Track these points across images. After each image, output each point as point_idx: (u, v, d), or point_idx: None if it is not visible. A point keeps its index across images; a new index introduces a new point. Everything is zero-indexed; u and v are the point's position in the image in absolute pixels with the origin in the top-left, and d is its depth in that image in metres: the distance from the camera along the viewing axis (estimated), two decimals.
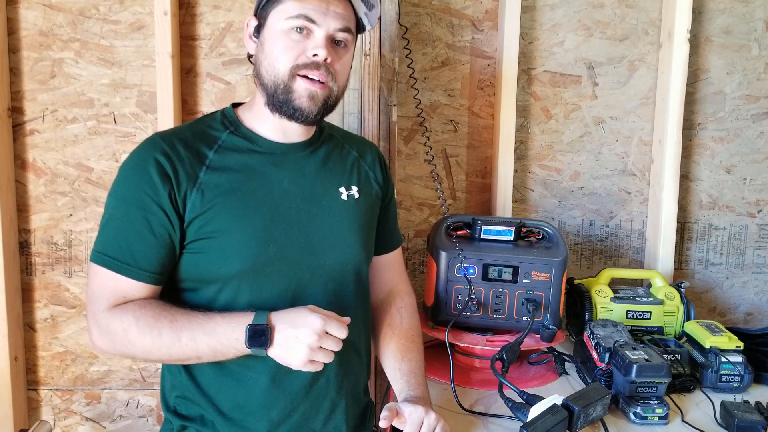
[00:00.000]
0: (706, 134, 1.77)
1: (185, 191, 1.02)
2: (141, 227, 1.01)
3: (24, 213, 1.60)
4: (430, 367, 1.38)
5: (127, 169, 1.04)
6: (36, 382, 1.66)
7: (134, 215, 1.01)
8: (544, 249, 1.40)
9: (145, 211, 1.00)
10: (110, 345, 1.01)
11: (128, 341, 0.99)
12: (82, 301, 1.63)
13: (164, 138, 1.06)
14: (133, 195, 1.01)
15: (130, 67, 1.57)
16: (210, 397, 1.07)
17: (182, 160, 1.03)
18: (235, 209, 1.03)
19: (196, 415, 1.08)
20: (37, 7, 1.54)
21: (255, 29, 1.08)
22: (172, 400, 1.11)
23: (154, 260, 1.02)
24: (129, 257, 1.01)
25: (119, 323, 0.99)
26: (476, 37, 1.69)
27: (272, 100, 1.05)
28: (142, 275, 1.01)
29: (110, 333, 1.00)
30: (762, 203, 1.80)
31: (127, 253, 1.01)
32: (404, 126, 1.70)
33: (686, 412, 1.20)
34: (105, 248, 1.02)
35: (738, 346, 1.30)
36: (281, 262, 1.05)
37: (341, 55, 1.06)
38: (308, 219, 1.09)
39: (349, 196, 1.15)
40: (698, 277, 1.81)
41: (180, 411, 1.10)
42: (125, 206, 1.02)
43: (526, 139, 1.74)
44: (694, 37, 1.69)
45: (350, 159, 1.20)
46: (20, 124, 1.58)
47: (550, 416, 1.00)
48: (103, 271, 1.01)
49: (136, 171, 1.02)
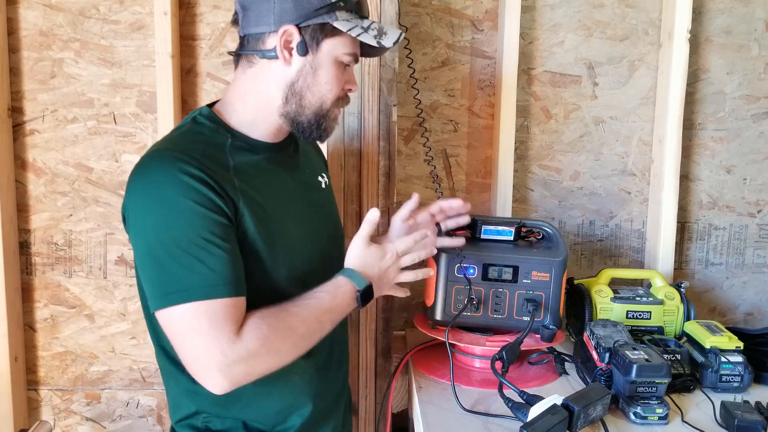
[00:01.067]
0: (706, 134, 1.77)
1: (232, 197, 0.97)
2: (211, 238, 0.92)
3: (24, 213, 1.60)
4: (430, 367, 1.38)
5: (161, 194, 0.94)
6: (36, 382, 1.66)
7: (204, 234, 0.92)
8: (544, 249, 1.40)
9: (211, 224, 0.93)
10: (254, 370, 0.95)
11: (270, 353, 0.95)
12: (82, 301, 1.63)
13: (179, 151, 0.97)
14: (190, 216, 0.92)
15: (130, 67, 1.57)
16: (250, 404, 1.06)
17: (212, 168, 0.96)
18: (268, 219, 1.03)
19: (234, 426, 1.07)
20: (37, 7, 1.54)
21: (300, 45, 1.02)
22: (200, 422, 1.07)
23: (237, 267, 0.95)
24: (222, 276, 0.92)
25: (255, 343, 0.93)
26: (476, 37, 1.69)
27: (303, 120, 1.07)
28: (239, 289, 0.94)
29: (250, 359, 0.93)
30: (762, 203, 1.80)
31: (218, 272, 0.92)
32: (404, 126, 1.70)
33: (686, 412, 1.20)
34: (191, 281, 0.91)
35: (738, 346, 1.30)
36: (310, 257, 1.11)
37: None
38: (314, 210, 1.16)
39: (326, 184, 1.24)
40: (698, 277, 1.81)
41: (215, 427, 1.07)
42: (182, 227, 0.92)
43: (526, 139, 1.74)
44: (694, 37, 1.69)
45: (310, 150, 1.27)
46: (20, 124, 1.58)
47: (550, 416, 1.00)
48: (208, 304, 0.91)
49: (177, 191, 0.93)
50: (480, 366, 1.38)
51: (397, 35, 1.08)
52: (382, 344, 1.59)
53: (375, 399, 1.60)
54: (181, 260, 0.91)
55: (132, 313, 1.64)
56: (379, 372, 1.59)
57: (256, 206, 1.01)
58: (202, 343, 0.91)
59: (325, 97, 1.06)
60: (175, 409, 1.09)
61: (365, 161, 1.55)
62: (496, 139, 1.67)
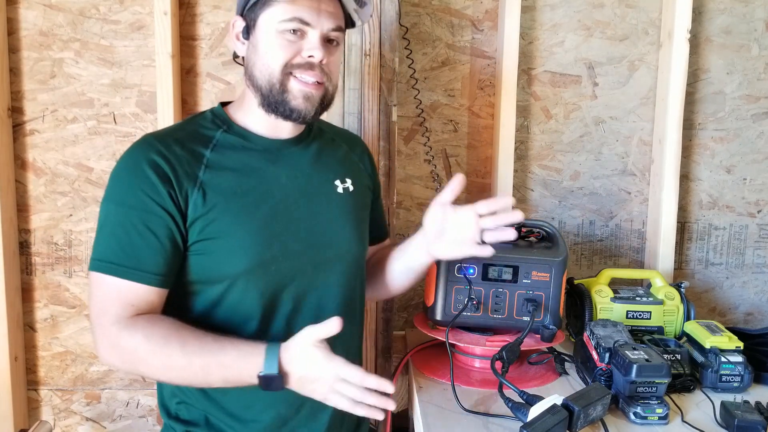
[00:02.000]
0: (706, 134, 1.77)
1: (186, 191, 1.00)
2: (142, 229, 0.98)
3: (24, 213, 1.60)
4: (430, 367, 1.38)
5: (121, 171, 1.02)
6: (36, 382, 1.66)
7: (134, 217, 0.98)
8: (544, 249, 1.40)
9: (145, 212, 0.98)
10: (119, 361, 0.99)
11: (138, 359, 0.97)
12: (82, 301, 1.63)
13: (157, 138, 1.04)
14: (132, 197, 0.99)
15: (130, 67, 1.57)
16: (216, 400, 1.07)
17: (179, 159, 1.02)
18: (237, 209, 1.03)
19: (201, 419, 1.08)
20: (37, 7, 1.54)
21: (244, 30, 1.06)
22: (173, 406, 1.10)
23: (160, 261, 0.99)
24: (133, 261, 0.98)
25: (129, 340, 0.96)
26: (476, 37, 1.69)
27: (267, 101, 1.05)
28: (147, 278, 0.98)
29: (120, 349, 0.98)
30: (762, 203, 1.80)
31: (130, 256, 0.98)
32: (404, 126, 1.70)
33: (686, 412, 1.19)
34: (105, 255, 0.99)
35: (738, 346, 1.30)
36: (285, 258, 1.06)
37: (333, 53, 1.07)
38: (308, 214, 1.10)
39: (345, 189, 1.17)
40: (698, 277, 1.81)
41: (182, 416, 1.09)
42: (123, 209, 0.99)
43: (526, 139, 1.74)
44: (694, 37, 1.69)
45: (341, 152, 1.22)
46: (20, 124, 1.58)
47: (550, 416, 1.00)
48: (106, 279, 0.98)
49: (132, 173, 1.00)
50: (480, 366, 1.38)
51: None
52: (382, 344, 1.59)
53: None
54: (108, 235, 1.00)
55: None
56: (379, 372, 1.59)
57: (217, 197, 1.02)
58: (95, 312, 0.99)
59: (270, 68, 1.03)
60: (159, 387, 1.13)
61: None
62: (496, 139, 1.67)
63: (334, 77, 1.08)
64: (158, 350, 0.96)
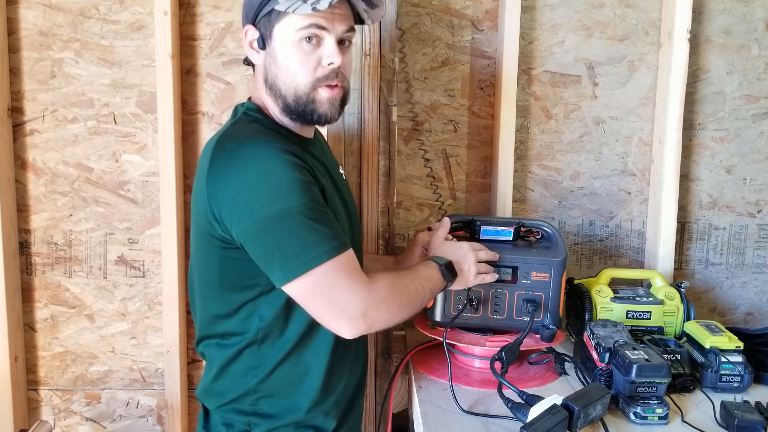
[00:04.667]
0: (706, 134, 1.77)
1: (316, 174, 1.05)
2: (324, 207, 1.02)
3: (24, 213, 1.60)
4: (430, 367, 1.38)
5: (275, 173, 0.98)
6: (36, 382, 1.66)
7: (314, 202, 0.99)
8: (544, 249, 1.39)
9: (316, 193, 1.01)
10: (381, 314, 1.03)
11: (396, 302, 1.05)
12: (82, 301, 1.63)
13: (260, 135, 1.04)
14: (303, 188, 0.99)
15: (130, 67, 1.57)
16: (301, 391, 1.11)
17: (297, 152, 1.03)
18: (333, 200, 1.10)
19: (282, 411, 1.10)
20: (37, 7, 1.54)
21: (258, 40, 1.08)
22: (247, 404, 1.10)
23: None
24: (340, 234, 1.01)
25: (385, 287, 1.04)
26: (476, 37, 1.69)
27: (291, 110, 1.08)
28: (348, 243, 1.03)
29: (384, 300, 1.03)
30: (762, 203, 1.80)
31: (336, 232, 1.01)
32: (404, 126, 1.70)
33: (686, 412, 1.19)
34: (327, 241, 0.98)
35: (738, 346, 1.30)
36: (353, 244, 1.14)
37: (346, 53, 1.10)
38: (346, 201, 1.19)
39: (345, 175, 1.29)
40: (698, 277, 1.81)
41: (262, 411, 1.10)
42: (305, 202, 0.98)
43: (526, 139, 1.74)
44: (694, 37, 1.69)
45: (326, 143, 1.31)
46: (20, 124, 1.58)
47: (550, 416, 1.00)
48: (342, 258, 0.99)
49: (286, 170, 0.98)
50: (480, 366, 1.38)
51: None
52: (382, 344, 1.59)
53: (375, 399, 1.60)
54: (306, 227, 0.97)
55: (132, 313, 1.64)
56: (379, 372, 1.59)
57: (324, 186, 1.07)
58: (344, 295, 0.99)
59: (296, 83, 1.06)
60: (222, 392, 1.12)
61: (365, 161, 1.55)
62: (496, 139, 1.67)
63: (348, 76, 1.12)
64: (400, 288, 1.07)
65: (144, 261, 1.63)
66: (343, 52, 1.07)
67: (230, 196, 0.99)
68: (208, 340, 1.14)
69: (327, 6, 1.00)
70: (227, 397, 1.11)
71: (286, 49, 1.05)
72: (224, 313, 1.09)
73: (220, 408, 1.12)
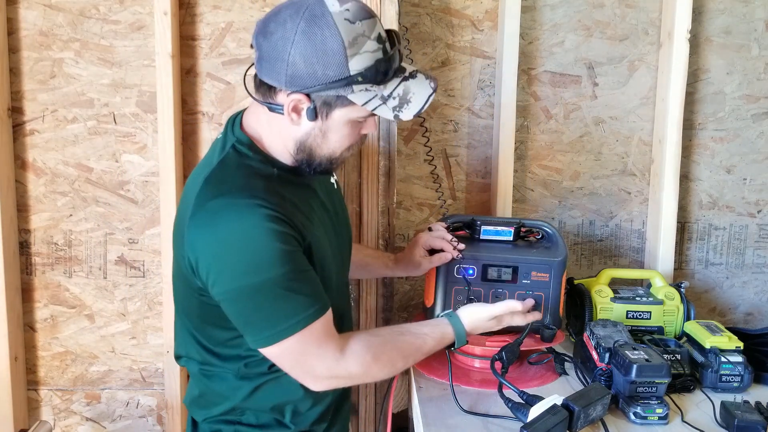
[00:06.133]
0: (706, 134, 1.77)
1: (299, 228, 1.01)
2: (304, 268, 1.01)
3: (24, 213, 1.60)
4: (429, 367, 1.38)
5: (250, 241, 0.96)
6: (36, 382, 1.66)
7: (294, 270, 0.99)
8: (544, 249, 1.39)
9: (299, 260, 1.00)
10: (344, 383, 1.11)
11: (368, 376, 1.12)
12: (82, 301, 1.63)
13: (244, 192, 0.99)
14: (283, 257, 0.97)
15: (130, 67, 1.57)
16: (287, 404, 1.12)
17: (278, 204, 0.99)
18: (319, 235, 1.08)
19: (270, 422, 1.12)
20: (37, 7, 1.54)
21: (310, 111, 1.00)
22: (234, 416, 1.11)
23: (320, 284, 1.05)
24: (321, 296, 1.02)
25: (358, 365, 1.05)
26: (476, 37, 1.69)
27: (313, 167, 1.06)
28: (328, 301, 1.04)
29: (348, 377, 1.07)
30: (762, 203, 1.80)
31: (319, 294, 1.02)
32: (404, 126, 1.70)
33: (686, 412, 1.19)
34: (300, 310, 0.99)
35: (738, 346, 1.30)
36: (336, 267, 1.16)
37: None
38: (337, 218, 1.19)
39: (336, 182, 1.26)
40: (698, 277, 1.81)
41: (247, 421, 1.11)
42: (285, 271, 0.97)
43: (526, 139, 1.74)
44: (694, 37, 1.69)
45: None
46: (20, 124, 1.58)
47: (550, 416, 1.00)
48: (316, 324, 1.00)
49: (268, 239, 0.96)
50: (480, 366, 1.38)
51: (422, 102, 1.02)
52: None
53: (375, 399, 1.60)
54: (281, 298, 0.98)
55: (132, 313, 1.64)
56: None
57: (311, 230, 1.05)
58: (313, 361, 1.02)
59: (335, 152, 1.06)
60: (208, 407, 1.12)
61: (365, 161, 1.55)
62: (496, 139, 1.67)
63: None
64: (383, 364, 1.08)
65: (144, 261, 1.63)
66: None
67: (210, 257, 0.98)
68: (190, 360, 1.13)
69: (412, 117, 1.02)
70: (213, 412, 1.12)
71: (341, 128, 1.03)
72: (206, 345, 1.09)
73: (207, 420, 1.13)
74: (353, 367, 1.05)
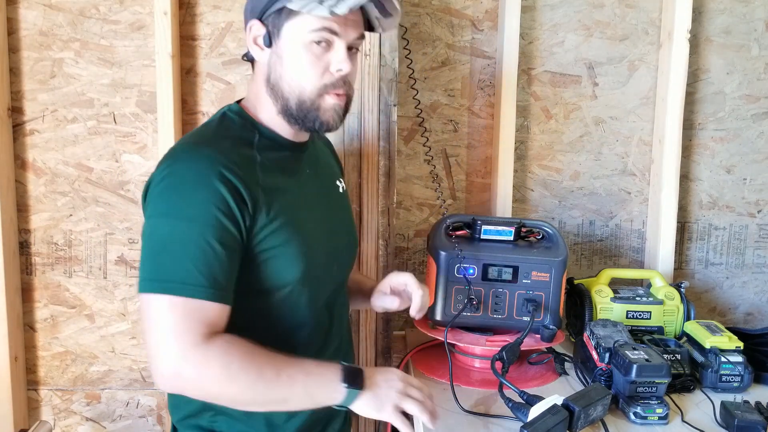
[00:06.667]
0: (706, 134, 1.77)
1: (255, 199, 0.98)
2: (216, 246, 0.93)
3: (24, 213, 1.60)
4: (430, 367, 1.38)
5: (186, 185, 0.95)
6: (36, 382, 1.66)
7: (207, 234, 0.93)
8: (544, 249, 1.40)
9: (219, 228, 0.93)
10: (197, 383, 0.93)
11: (227, 377, 0.91)
12: (82, 301, 1.63)
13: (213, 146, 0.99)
14: (204, 212, 0.93)
15: (130, 67, 1.57)
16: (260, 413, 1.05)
17: (241, 167, 0.97)
18: (292, 214, 1.03)
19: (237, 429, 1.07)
20: (37, 7, 1.54)
21: (265, 37, 1.02)
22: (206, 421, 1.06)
23: (232, 278, 0.96)
24: (210, 279, 0.92)
25: (221, 358, 0.91)
26: (476, 37, 1.69)
27: (293, 113, 1.03)
28: (223, 296, 0.94)
29: (206, 369, 0.91)
30: (762, 203, 1.80)
31: (207, 275, 0.92)
32: (404, 126, 1.70)
33: (686, 412, 1.20)
34: (177, 275, 0.91)
35: (738, 346, 1.30)
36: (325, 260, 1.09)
37: (354, 61, 1.06)
38: (333, 213, 1.16)
39: (343, 189, 1.23)
40: (698, 277, 1.81)
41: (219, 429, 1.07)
42: (195, 225, 0.93)
43: (526, 139, 1.74)
44: (694, 37, 1.69)
45: (328, 152, 1.26)
46: (20, 124, 1.58)
47: (550, 416, 1.00)
48: (183, 301, 0.91)
49: (201, 187, 0.94)
50: (480, 366, 1.38)
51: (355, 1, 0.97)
52: (382, 344, 1.59)
53: None
54: (177, 254, 0.92)
55: (132, 313, 1.64)
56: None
57: (280, 199, 1.01)
58: (167, 336, 0.91)
59: (302, 87, 1.01)
60: (177, 406, 1.09)
61: (365, 161, 1.55)
62: (496, 139, 1.67)
63: (353, 84, 1.08)
64: (249, 366, 0.92)
65: None
66: (351, 59, 1.03)
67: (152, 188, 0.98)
68: None
69: (346, 11, 0.96)
70: (185, 411, 1.07)
71: (295, 50, 1.00)
72: None
73: (181, 422, 1.09)
74: (213, 359, 0.91)
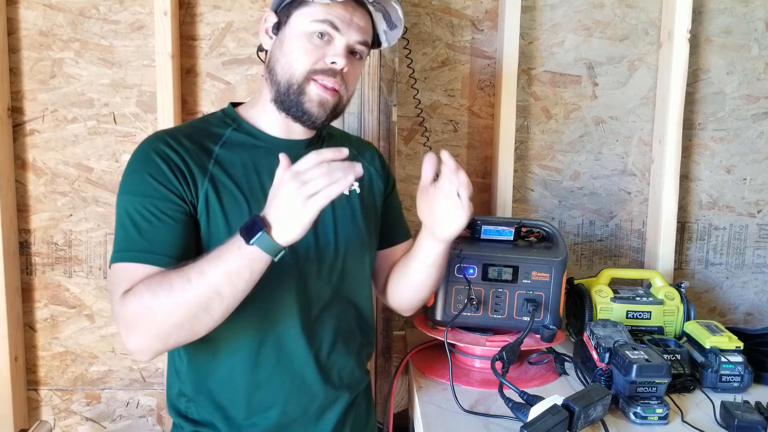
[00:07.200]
0: (706, 134, 1.77)
1: (197, 181, 1.01)
2: (157, 213, 0.98)
3: (24, 213, 1.60)
4: (430, 367, 1.38)
5: (132, 164, 1.02)
6: (36, 382, 1.66)
7: (148, 203, 0.98)
8: (544, 249, 1.40)
9: (158, 198, 0.98)
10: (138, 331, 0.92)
11: (148, 311, 0.90)
12: (82, 301, 1.63)
13: (166, 132, 1.06)
14: (143, 186, 0.99)
15: (130, 67, 1.57)
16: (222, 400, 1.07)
17: (189, 151, 1.03)
18: (242, 207, 1.04)
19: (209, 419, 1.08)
20: (37, 7, 1.54)
21: (274, 26, 1.07)
22: (183, 405, 1.10)
23: (175, 243, 0.98)
24: (148, 245, 0.97)
25: (133, 298, 0.92)
26: (476, 37, 1.69)
27: (282, 98, 1.05)
28: (161, 260, 0.95)
29: (133, 317, 0.92)
30: (762, 203, 1.80)
31: (146, 241, 0.97)
32: (404, 126, 1.70)
33: (686, 412, 1.20)
34: (125, 244, 0.97)
35: (738, 346, 1.30)
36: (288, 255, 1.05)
37: (355, 65, 1.08)
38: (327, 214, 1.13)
39: (351, 191, 1.18)
40: (698, 277, 1.81)
41: (192, 416, 1.09)
42: (137, 198, 0.99)
43: (526, 139, 1.74)
44: (694, 37, 1.69)
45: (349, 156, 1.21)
46: (20, 124, 1.58)
47: (550, 416, 1.00)
48: (124, 266, 0.96)
49: (142, 163, 1.01)
50: (480, 366, 1.38)
51: None
52: (382, 344, 1.59)
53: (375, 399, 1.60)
54: (125, 224, 0.99)
55: None
56: (380, 372, 1.59)
57: (225, 192, 1.03)
58: (112, 301, 0.97)
59: (292, 68, 1.03)
60: (168, 388, 1.14)
61: None
62: (496, 139, 1.67)
63: (350, 88, 1.09)
64: (157, 288, 0.91)
65: None
66: (351, 63, 1.05)
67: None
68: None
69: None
70: (169, 394, 1.13)
71: (296, 37, 1.03)
72: None
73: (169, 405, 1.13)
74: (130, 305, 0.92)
